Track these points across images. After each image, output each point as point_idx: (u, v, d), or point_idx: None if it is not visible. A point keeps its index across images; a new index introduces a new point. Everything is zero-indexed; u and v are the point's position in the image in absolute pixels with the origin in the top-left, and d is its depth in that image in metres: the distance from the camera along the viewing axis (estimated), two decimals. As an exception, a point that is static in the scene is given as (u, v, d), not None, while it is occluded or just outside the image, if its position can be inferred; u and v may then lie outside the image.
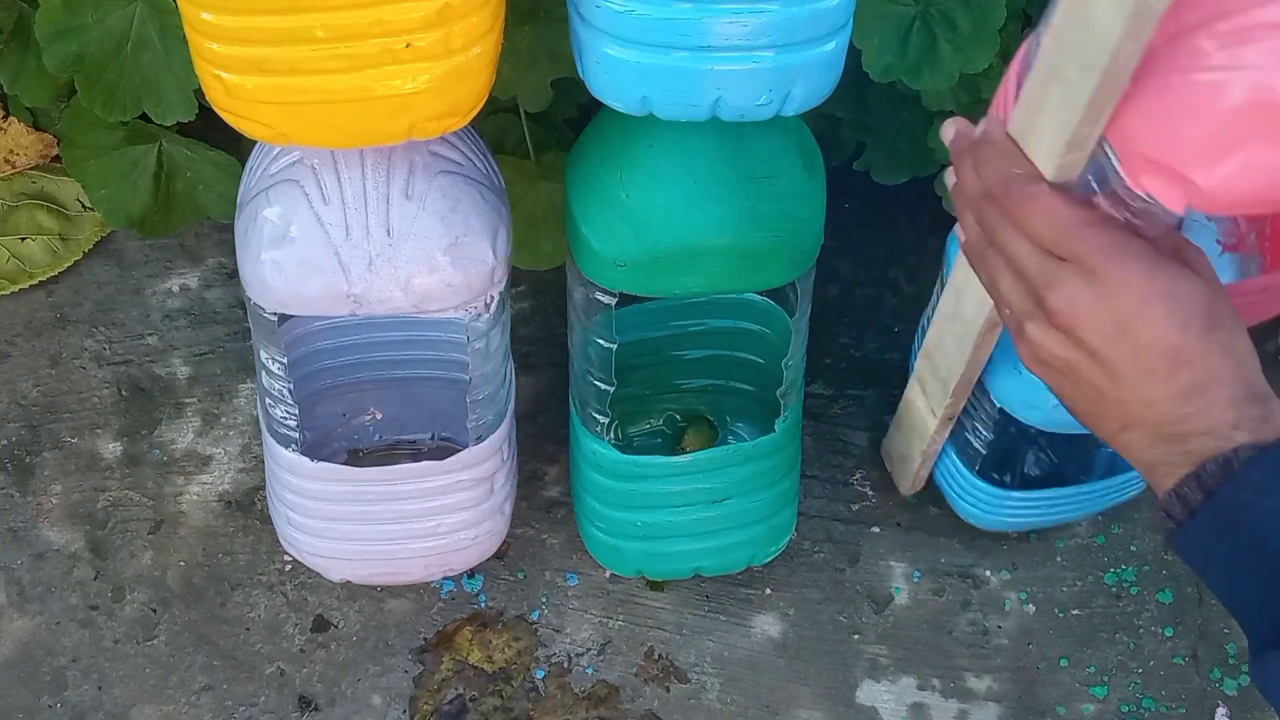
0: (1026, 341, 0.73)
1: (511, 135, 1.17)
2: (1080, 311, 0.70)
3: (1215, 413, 0.68)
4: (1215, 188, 0.67)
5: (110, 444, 1.21)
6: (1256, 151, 0.66)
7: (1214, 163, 0.67)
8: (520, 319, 1.27)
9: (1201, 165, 0.67)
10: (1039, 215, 0.71)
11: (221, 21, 0.77)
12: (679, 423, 1.18)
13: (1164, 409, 0.69)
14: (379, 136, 0.84)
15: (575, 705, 1.11)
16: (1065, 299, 0.70)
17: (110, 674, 1.11)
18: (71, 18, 1.07)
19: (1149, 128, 0.68)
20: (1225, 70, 0.65)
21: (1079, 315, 0.70)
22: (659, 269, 0.94)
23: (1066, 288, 0.70)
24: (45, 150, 1.28)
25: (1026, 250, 0.72)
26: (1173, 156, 0.68)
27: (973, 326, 0.97)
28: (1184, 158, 0.67)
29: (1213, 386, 0.68)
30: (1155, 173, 0.69)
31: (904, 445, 1.16)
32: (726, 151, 0.93)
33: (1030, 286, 0.72)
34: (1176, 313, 0.68)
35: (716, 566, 1.14)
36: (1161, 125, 0.68)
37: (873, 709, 1.12)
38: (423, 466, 1.04)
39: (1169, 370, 0.68)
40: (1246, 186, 0.67)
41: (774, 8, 0.79)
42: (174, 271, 1.30)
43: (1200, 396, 0.68)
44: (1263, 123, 0.65)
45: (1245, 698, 1.13)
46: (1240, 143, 0.66)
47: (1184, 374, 0.68)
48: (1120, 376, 0.70)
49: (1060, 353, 0.72)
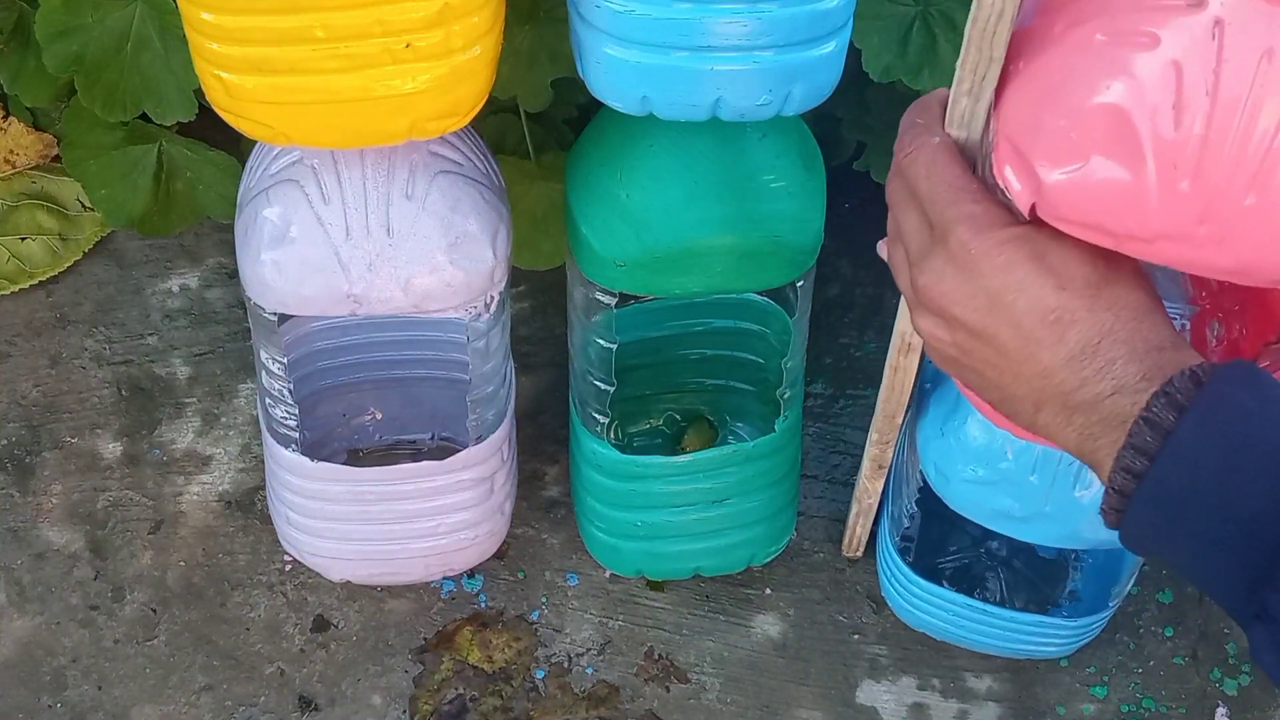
0: (919, 332, 0.70)
1: (511, 135, 1.17)
2: (947, 290, 0.66)
3: (1118, 369, 0.63)
4: (1056, 188, 0.64)
5: (110, 444, 1.21)
6: (1102, 163, 0.63)
7: (1060, 160, 0.64)
8: (520, 319, 1.27)
9: (1049, 159, 0.64)
10: (921, 165, 0.68)
11: (221, 21, 0.77)
12: (679, 423, 1.18)
13: (1062, 376, 0.64)
14: (379, 136, 0.84)
15: (575, 705, 1.11)
16: (932, 277, 0.67)
17: (110, 674, 1.12)
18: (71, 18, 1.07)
19: (1020, 111, 0.66)
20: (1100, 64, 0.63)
21: (946, 294, 0.66)
22: (659, 269, 0.94)
23: (934, 264, 0.67)
24: (45, 150, 1.28)
25: (913, 221, 0.69)
26: (1030, 144, 0.65)
27: (892, 345, 0.94)
28: (1038, 148, 0.65)
29: (1107, 343, 0.64)
30: (1014, 161, 0.66)
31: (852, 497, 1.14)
32: (726, 151, 0.93)
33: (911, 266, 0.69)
34: (1048, 273, 0.64)
35: (716, 566, 1.14)
36: (1030, 110, 0.65)
37: (873, 709, 1.12)
38: (423, 466, 1.04)
39: (1055, 334, 0.64)
40: (1085, 199, 0.64)
41: (774, 8, 0.79)
42: (174, 271, 1.30)
43: (1095, 356, 0.64)
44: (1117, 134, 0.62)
45: (1245, 698, 1.13)
46: (1089, 146, 0.63)
47: (1071, 335, 0.64)
48: (1008, 351, 0.66)
49: (945, 336, 0.68)
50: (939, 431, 0.99)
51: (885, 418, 1.00)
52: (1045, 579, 1.13)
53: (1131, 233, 0.64)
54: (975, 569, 1.13)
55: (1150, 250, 0.65)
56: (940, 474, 0.99)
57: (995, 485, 0.97)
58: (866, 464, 1.06)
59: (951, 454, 0.98)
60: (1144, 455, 0.62)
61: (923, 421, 1.01)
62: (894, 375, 0.96)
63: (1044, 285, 0.65)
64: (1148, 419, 0.62)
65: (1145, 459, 0.62)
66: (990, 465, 0.97)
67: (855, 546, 1.16)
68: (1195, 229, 0.63)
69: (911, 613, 1.11)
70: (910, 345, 0.92)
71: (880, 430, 1.02)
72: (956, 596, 1.08)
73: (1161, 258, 0.65)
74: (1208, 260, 0.65)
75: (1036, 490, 0.96)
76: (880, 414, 1.00)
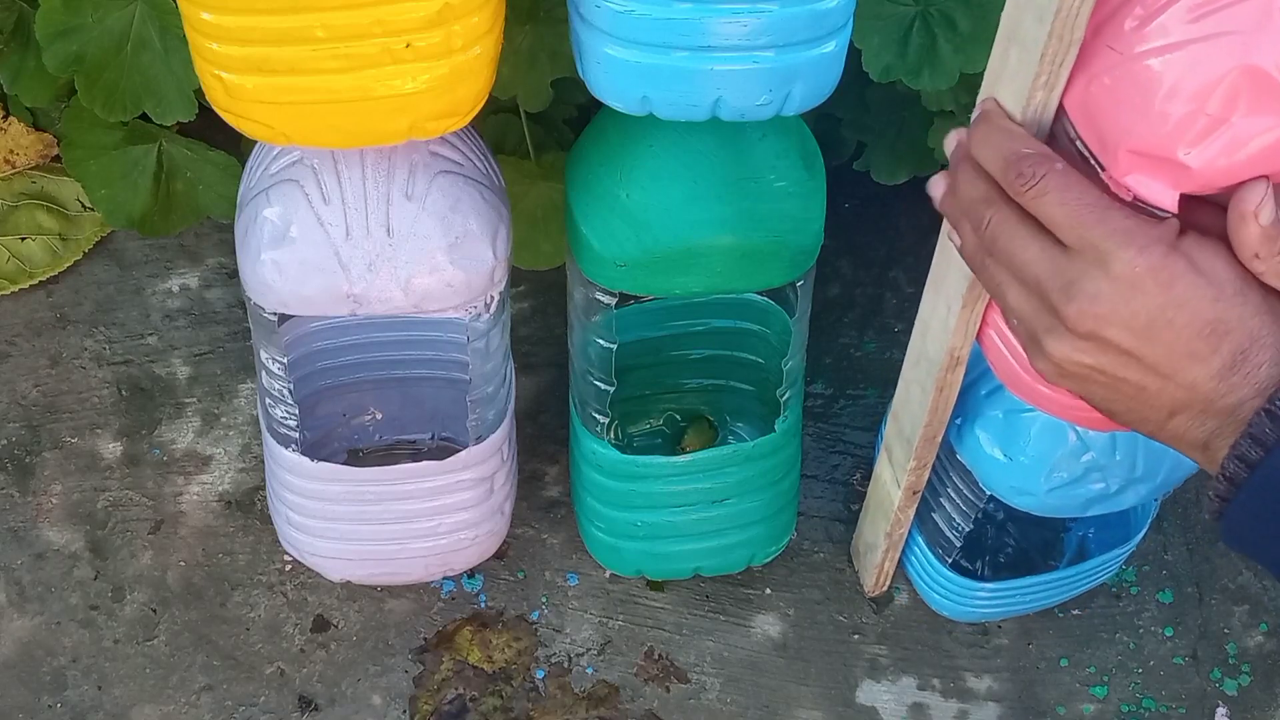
0: (1046, 357, 0.69)
1: (511, 135, 1.17)
2: (1104, 312, 0.66)
3: (1262, 374, 0.64)
4: (1208, 167, 0.65)
5: (110, 444, 1.21)
6: (1246, 123, 0.63)
7: (1202, 141, 0.64)
8: (520, 319, 1.27)
9: (1190, 145, 0.64)
10: (1053, 195, 0.67)
11: (221, 21, 0.77)
12: (679, 423, 1.18)
13: (1209, 387, 0.65)
14: (379, 136, 0.84)
15: (575, 705, 1.11)
16: (1087, 301, 0.66)
17: (110, 674, 1.11)
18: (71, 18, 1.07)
19: (1128, 118, 0.66)
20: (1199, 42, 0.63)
21: (1104, 316, 0.66)
22: (659, 269, 0.94)
23: (1087, 288, 0.66)
24: (45, 150, 1.28)
25: (1036, 253, 0.68)
26: (1157, 143, 0.65)
27: (935, 365, 0.91)
28: (1169, 141, 0.65)
29: (1254, 349, 0.65)
30: (1143, 165, 0.66)
31: (871, 532, 1.11)
32: (726, 151, 0.93)
33: (1043, 295, 0.68)
34: (1206, 285, 0.65)
35: (716, 566, 1.14)
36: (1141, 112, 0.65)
37: (873, 709, 1.12)
38: (423, 466, 1.04)
39: (1210, 347, 0.65)
40: (1240, 160, 0.64)
41: (774, 8, 0.79)
42: (174, 271, 1.30)
43: (1245, 363, 0.65)
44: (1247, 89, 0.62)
45: (1245, 698, 1.13)
46: (1226, 115, 0.63)
47: (1225, 346, 0.65)
48: (1160, 369, 0.66)
49: (1089, 361, 0.67)
50: (1005, 457, 0.98)
51: (926, 441, 0.97)
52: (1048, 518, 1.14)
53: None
54: (983, 538, 1.14)
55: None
56: (1022, 493, 0.99)
57: (1084, 479, 0.97)
58: (899, 495, 1.02)
59: (1029, 472, 0.97)
60: (1260, 445, 0.63)
61: (972, 455, 1.00)
62: (939, 395, 0.93)
63: (1202, 298, 0.65)
64: (1269, 411, 0.63)
65: (1260, 449, 0.63)
66: (1074, 466, 0.97)
67: (883, 582, 1.14)
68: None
69: (975, 611, 1.12)
70: (959, 360, 0.89)
71: (920, 456, 0.98)
72: (1026, 580, 1.08)
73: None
74: None
75: (1124, 463, 0.97)
76: (920, 440, 0.97)
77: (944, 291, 0.86)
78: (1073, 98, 0.69)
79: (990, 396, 0.99)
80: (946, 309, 0.85)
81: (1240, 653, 1.15)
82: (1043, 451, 0.97)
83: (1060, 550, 1.13)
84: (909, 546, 1.12)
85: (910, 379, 0.96)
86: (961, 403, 0.99)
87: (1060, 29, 0.66)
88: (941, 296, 0.86)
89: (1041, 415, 0.96)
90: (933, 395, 0.93)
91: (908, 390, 0.97)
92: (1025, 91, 0.69)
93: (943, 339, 0.88)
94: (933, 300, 0.88)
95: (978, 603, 1.11)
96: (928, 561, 1.10)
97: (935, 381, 0.91)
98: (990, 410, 0.98)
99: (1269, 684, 1.14)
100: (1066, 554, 1.13)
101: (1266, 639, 1.15)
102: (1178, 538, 1.19)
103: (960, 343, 0.88)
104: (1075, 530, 1.14)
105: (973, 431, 0.99)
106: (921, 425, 0.96)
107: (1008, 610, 1.13)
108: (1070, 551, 1.13)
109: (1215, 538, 1.20)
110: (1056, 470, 0.97)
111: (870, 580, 1.14)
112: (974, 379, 1.00)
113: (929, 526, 1.08)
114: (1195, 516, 1.21)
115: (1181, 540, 1.19)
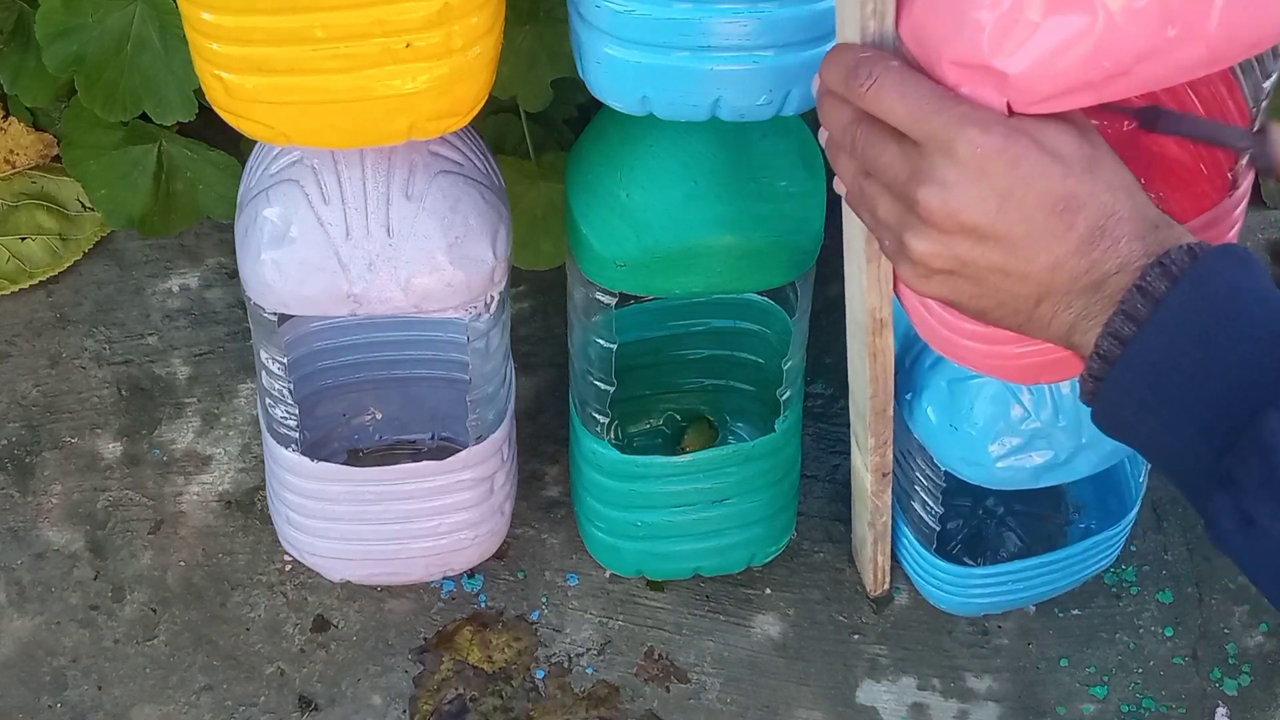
0: (912, 258, 0.68)
1: (511, 135, 1.17)
2: (955, 196, 0.65)
3: (1122, 247, 0.64)
4: (1026, 73, 0.64)
5: (110, 444, 1.21)
6: (1055, 23, 0.63)
7: (1017, 47, 0.64)
8: (520, 319, 1.27)
9: (1003, 51, 0.64)
10: (890, 89, 0.67)
11: (221, 21, 0.78)
12: (679, 423, 1.18)
13: (1073, 263, 0.65)
14: (379, 136, 0.84)
15: (575, 705, 1.11)
16: (936, 188, 0.65)
17: (110, 674, 1.11)
18: (71, 18, 1.07)
19: (947, 29, 0.66)
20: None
21: (954, 200, 0.65)
22: (659, 269, 0.94)
23: (935, 175, 0.65)
24: (45, 150, 1.28)
25: (893, 154, 0.67)
26: (976, 52, 0.65)
27: (862, 329, 0.90)
28: (988, 50, 0.64)
29: (1112, 224, 0.65)
30: (966, 77, 0.66)
31: (859, 526, 1.11)
32: (726, 151, 0.93)
33: (900, 194, 0.67)
34: (1055, 161, 0.65)
35: (716, 566, 1.14)
36: (957, 22, 0.65)
37: (873, 709, 1.12)
38: (423, 466, 1.04)
39: (1065, 223, 0.65)
40: (1057, 66, 0.64)
41: (774, 8, 0.79)
42: (174, 271, 1.30)
43: (1103, 238, 0.65)
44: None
45: (1245, 698, 1.13)
46: (1035, 17, 0.63)
47: (1080, 221, 0.65)
48: (1019, 247, 0.65)
49: (948, 252, 0.67)
50: (951, 428, 0.99)
51: (876, 414, 0.96)
52: (1050, 507, 1.15)
53: (1110, 73, 0.65)
54: (985, 533, 1.14)
55: (1132, 81, 0.65)
56: (971, 464, 0.99)
57: (1030, 447, 0.98)
58: (869, 478, 1.02)
59: (975, 442, 0.98)
60: (1133, 321, 0.64)
61: (923, 429, 1.01)
62: (874, 362, 0.92)
63: (1051, 173, 0.65)
64: (1141, 287, 0.63)
65: (1134, 324, 0.64)
66: (1018, 431, 0.97)
67: (882, 580, 1.13)
68: (1164, 35, 0.64)
69: (972, 602, 1.12)
70: (883, 322, 0.89)
71: (875, 432, 0.98)
72: (1018, 564, 1.08)
73: (1145, 83, 0.66)
74: (1185, 61, 0.66)
75: (1068, 430, 0.98)
76: (871, 413, 0.96)
77: (853, 254, 0.86)
78: (903, 23, 0.69)
79: (934, 367, 1.00)
80: (859, 270, 0.85)
81: (1240, 653, 1.15)
82: (988, 420, 0.98)
83: (1061, 534, 1.14)
84: (899, 540, 1.12)
85: (851, 353, 0.96)
86: (909, 377, 1.01)
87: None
88: (852, 258, 0.86)
89: (985, 383, 0.97)
90: (867, 363, 0.92)
91: (852, 365, 0.97)
92: (859, 23, 0.69)
93: (861, 302, 0.88)
94: (849, 268, 0.88)
95: (974, 592, 1.11)
96: (917, 552, 1.10)
97: (866, 348, 0.91)
98: (935, 381, 0.99)
99: (1269, 684, 1.14)
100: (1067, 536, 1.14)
101: (1266, 639, 1.15)
102: (1178, 538, 1.20)
103: (877, 301, 0.87)
104: (1078, 523, 1.15)
105: (920, 404, 1.00)
106: (868, 398, 0.95)
107: (1009, 600, 1.13)
108: (1072, 533, 1.14)
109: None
110: (1003, 437, 0.98)
111: (870, 578, 1.14)
112: (918, 352, 1.01)
113: (912, 515, 1.09)
114: (1195, 516, 1.21)
115: (1181, 540, 1.19)
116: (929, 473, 1.04)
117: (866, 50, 0.70)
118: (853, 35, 0.71)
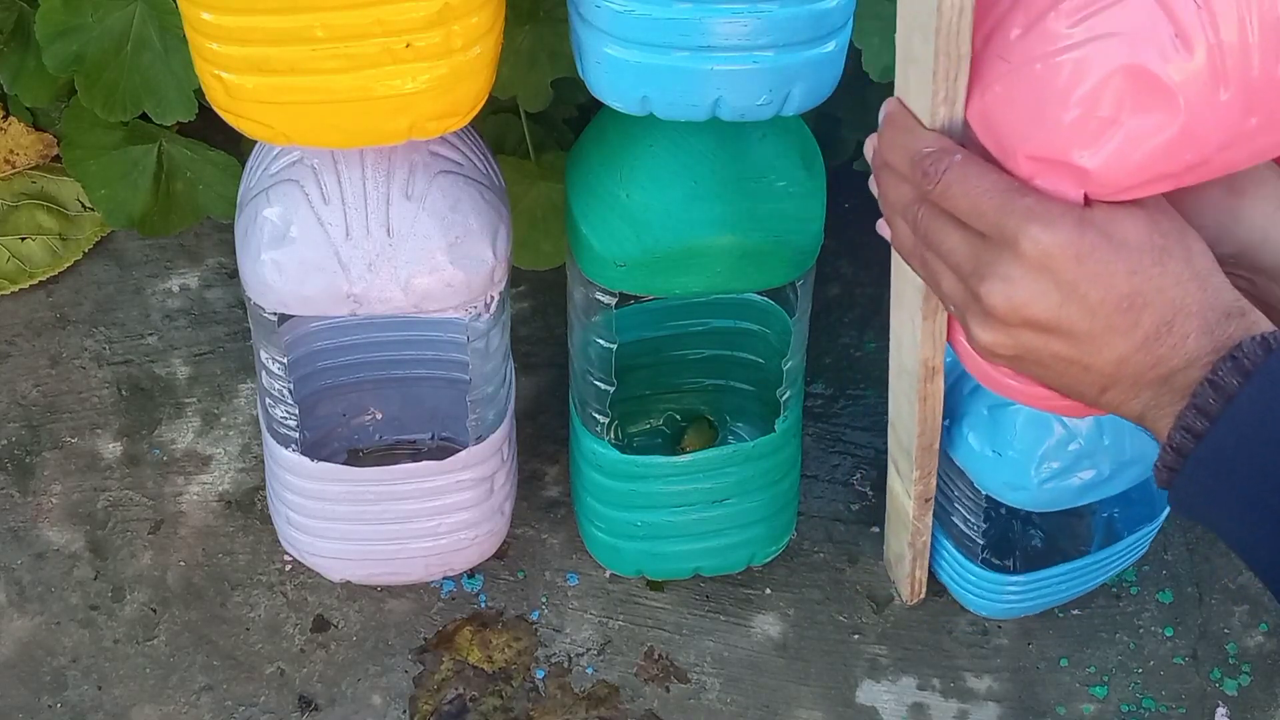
0: (975, 340, 0.69)
1: (511, 135, 1.17)
2: (1019, 291, 0.65)
3: (1190, 344, 0.64)
4: (1105, 168, 0.64)
5: (110, 444, 1.21)
6: (1137, 122, 0.63)
7: (1096, 143, 0.64)
8: (520, 319, 1.27)
9: (1084, 148, 0.64)
10: (956, 185, 0.67)
11: (221, 21, 0.78)
12: (679, 423, 1.18)
13: (1138, 359, 0.65)
14: (379, 136, 0.84)
15: (575, 705, 1.11)
16: (999, 284, 0.65)
17: (110, 674, 1.12)
18: (71, 18, 1.07)
19: (1023, 124, 0.66)
20: (1082, 45, 0.63)
21: (1018, 297, 0.65)
22: (659, 269, 0.94)
23: (998, 271, 0.65)
24: (45, 150, 1.28)
25: (957, 241, 0.68)
26: (1054, 148, 0.65)
27: (913, 377, 0.90)
28: (1065, 145, 0.65)
29: (1179, 320, 0.64)
30: (1043, 169, 0.66)
31: (896, 543, 1.10)
32: (726, 151, 0.93)
33: (965, 281, 0.68)
34: (1119, 259, 0.64)
35: (716, 566, 1.14)
36: (1034, 118, 0.65)
37: (873, 709, 1.12)
38: (423, 466, 1.04)
39: (1130, 320, 0.64)
40: (1138, 161, 0.64)
41: (774, 8, 0.79)
42: (174, 271, 1.30)
43: (1170, 334, 0.64)
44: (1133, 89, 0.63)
45: (1245, 698, 1.13)
46: (1117, 116, 0.63)
47: (1145, 318, 0.64)
48: (1082, 342, 0.65)
49: (1012, 341, 0.67)
50: (993, 454, 0.98)
51: (923, 450, 0.96)
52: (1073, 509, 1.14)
53: (1190, 164, 0.65)
54: (1011, 534, 1.13)
55: (1212, 168, 0.65)
56: (1015, 489, 0.99)
57: (1074, 468, 0.97)
58: (911, 504, 1.02)
59: (1019, 467, 0.97)
60: (1205, 416, 0.63)
61: (964, 455, 1.00)
62: (924, 405, 0.92)
63: (1115, 272, 0.64)
64: (1212, 381, 0.63)
65: (1206, 419, 0.63)
66: (1063, 456, 0.96)
67: (919, 590, 1.13)
68: (1246, 124, 0.64)
69: (1013, 607, 1.11)
70: (934, 369, 0.89)
71: (921, 465, 0.97)
72: (1061, 568, 1.08)
73: (1225, 169, 0.66)
74: (1266, 146, 0.66)
75: (1113, 448, 0.97)
76: (918, 449, 0.96)
77: (905, 306, 0.86)
78: (972, 109, 0.69)
79: (974, 394, 0.99)
80: (912, 323, 0.85)
81: (1240, 653, 1.15)
82: (1030, 444, 0.97)
83: (1089, 534, 1.13)
84: (938, 550, 1.11)
85: (896, 392, 0.96)
86: (948, 403, 0.99)
87: (945, 46, 0.66)
88: (905, 311, 0.86)
89: (1025, 408, 0.96)
90: (918, 407, 0.92)
91: (897, 404, 0.97)
92: (929, 109, 0.69)
93: (914, 352, 0.88)
94: (898, 316, 0.88)
95: (1011, 597, 1.10)
96: (958, 562, 1.09)
97: (917, 393, 0.91)
98: (975, 407, 0.98)
99: (1269, 684, 1.14)
100: (1095, 537, 1.13)
101: (1266, 639, 1.15)
102: (1178, 538, 1.20)
103: (931, 353, 0.88)
104: (1100, 512, 1.14)
105: (961, 431, 1.00)
106: (915, 436, 0.95)
107: (1046, 601, 1.13)
108: (1099, 534, 1.14)
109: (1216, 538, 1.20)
110: (1046, 461, 0.97)
111: (906, 590, 1.13)
112: (956, 379, 1.00)
113: (953, 529, 1.08)
114: (1195, 516, 1.21)
115: (1181, 540, 1.19)
116: (970, 495, 1.03)
117: (933, 143, 0.69)
118: (920, 113, 0.70)
